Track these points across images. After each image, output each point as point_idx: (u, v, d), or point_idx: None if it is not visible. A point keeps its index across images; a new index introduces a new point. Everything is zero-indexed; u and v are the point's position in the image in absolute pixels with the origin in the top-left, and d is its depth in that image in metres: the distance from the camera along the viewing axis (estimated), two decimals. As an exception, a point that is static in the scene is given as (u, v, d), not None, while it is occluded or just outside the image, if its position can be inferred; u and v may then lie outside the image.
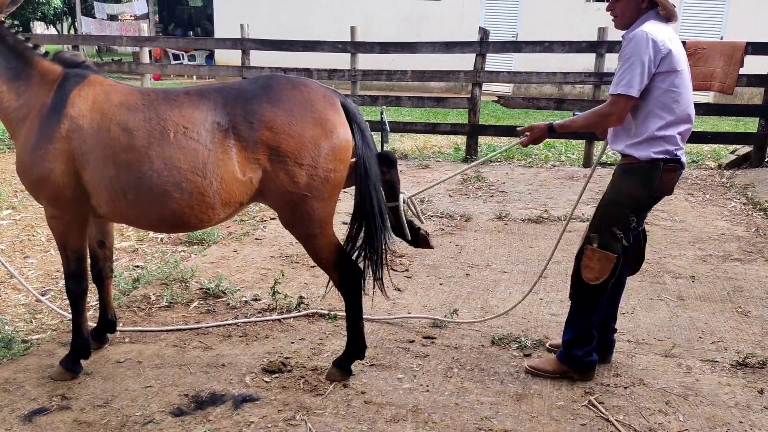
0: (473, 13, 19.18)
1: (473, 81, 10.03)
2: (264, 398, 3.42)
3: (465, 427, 3.20)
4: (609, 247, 3.47)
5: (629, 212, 3.44)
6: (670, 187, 3.44)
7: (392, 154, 3.79)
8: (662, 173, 3.38)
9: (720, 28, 17.11)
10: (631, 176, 3.46)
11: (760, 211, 7.20)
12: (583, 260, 3.54)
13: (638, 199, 3.44)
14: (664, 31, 3.32)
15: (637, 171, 3.43)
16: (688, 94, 3.41)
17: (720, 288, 5.05)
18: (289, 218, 3.39)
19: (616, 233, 3.46)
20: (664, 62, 3.28)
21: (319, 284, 4.94)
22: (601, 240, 3.48)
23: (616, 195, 3.50)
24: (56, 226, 3.48)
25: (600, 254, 3.48)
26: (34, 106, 3.33)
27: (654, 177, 3.39)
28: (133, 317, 4.41)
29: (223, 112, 3.22)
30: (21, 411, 3.29)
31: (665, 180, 3.40)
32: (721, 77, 8.84)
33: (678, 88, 3.33)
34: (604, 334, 3.81)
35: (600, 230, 3.50)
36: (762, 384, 3.65)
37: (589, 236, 3.53)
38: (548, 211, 7.10)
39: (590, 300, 3.57)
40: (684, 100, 3.36)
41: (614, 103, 3.35)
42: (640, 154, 3.40)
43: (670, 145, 3.36)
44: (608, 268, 3.47)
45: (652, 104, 3.35)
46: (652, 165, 3.37)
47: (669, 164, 3.37)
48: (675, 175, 3.41)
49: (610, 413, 3.33)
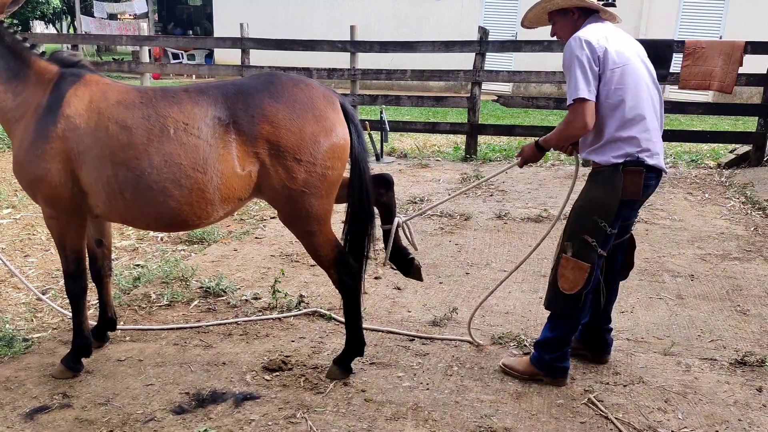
0: (473, 13, 19.20)
1: (473, 80, 10.04)
2: (265, 396, 3.43)
3: (465, 425, 3.21)
4: (583, 256, 3.38)
5: (597, 218, 3.35)
6: (635, 190, 3.34)
7: (389, 176, 3.79)
8: (625, 176, 3.31)
9: (719, 27, 17.12)
10: (596, 181, 3.41)
11: (759, 210, 7.21)
12: (558, 269, 3.47)
13: (605, 205, 3.35)
14: (598, 31, 3.34)
15: (600, 176, 3.39)
16: (639, 90, 3.32)
17: (719, 287, 5.06)
18: (287, 215, 3.40)
19: (588, 241, 3.37)
20: (602, 61, 3.27)
21: (320, 283, 4.95)
22: (574, 248, 3.41)
23: (583, 201, 3.45)
24: (54, 226, 3.48)
25: (573, 263, 3.40)
26: (31, 105, 3.33)
27: (616, 181, 3.32)
28: (133, 316, 4.42)
29: (224, 106, 3.23)
30: (22, 409, 3.30)
31: (629, 184, 3.32)
32: (720, 76, 8.86)
33: (624, 84, 3.28)
34: (598, 334, 3.80)
35: (572, 238, 3.44)
36: (760, 382, 3.66)
37: (564, 245, 3.47)
38: (548, 210, 7.11)
39: (566, 310, 3.49)
40: (632, 96, 3.29)
41: (573, 110, 3.31)
42: (600, 159, 3.37)
43: (630, 148, 3.30)
44: (582, 278, 3.39)
45: (603, 106, 3.32)
46: (614, 169, 3.32)
47: (630, 167, 3.31)
48: (640, 177, 3.32)
49: (609, 411, 3.34)
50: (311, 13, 20.57)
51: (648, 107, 3.35)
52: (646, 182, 3.37)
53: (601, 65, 3.28)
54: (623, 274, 3.81)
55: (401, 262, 3.85)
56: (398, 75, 10.50)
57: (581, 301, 3.44)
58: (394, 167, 9.43)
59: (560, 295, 3.46)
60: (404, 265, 3.86)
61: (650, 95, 3.38)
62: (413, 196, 7.68)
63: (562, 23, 3.51)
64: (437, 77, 10.81)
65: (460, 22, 18.97)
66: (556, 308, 3.53)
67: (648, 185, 3.41)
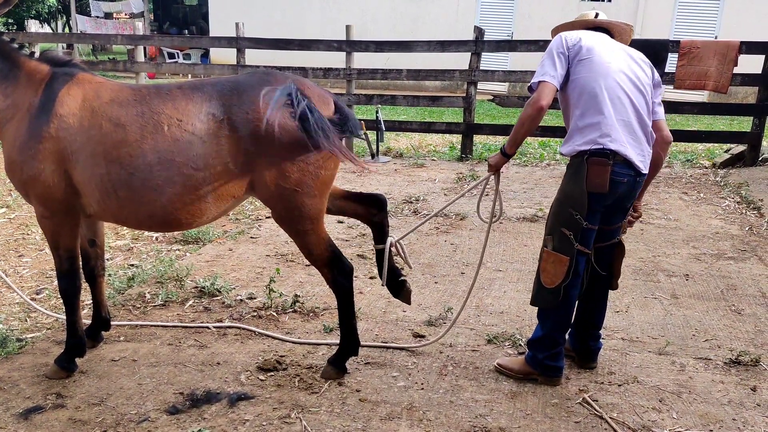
0: (468, 12, 19.21)
1: (468, 80, 10.05)
2: (259, 396, 3.42)
3: (460, 424, 3.21)
4: (562, 249, 3.41)
5: (572, 210, 3.37)
6: (600, 183, 3.32)
7: (383, 196, 3.79)
8: (589, 168, 3.31)
9: (714, 27, 17.17)
10: (567, 174, 3.47)
11: (754, 209, 7.23)
12: (540, 263, 3.51)
13: (575, 197, 3.36)
14: (583, 32, 3.50)
15: (570, 168, 3.44)
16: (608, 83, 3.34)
17: (714, 286, 5.07)
18: (280, 214, 3.39)
19: (566, 234, 3.39)
20: (573, 52, 3.39)
21: (314, 282, 4.95)
22: (554, 242, 3.44)
23: (560, 194, 3.50)
24: (47, 226, 3.46)
25: (554, 257, 3.42)
26: (22, 106, 3.31)
27: (582, 171, 3.34)
28: (128, 315, 4.41)
29: (218, 103, 3.21)
30: (16, 409, 3.28)
31: (593, 175, 3.31)
32: (715, 76, 8.88)
33: (591, 73, 3.36)
34: (585, 342, 3.78)
35: (552, 232, 3.47)
36: (754, 381, 3.67)
37: (545, 239, 3.50)
38: (543, 209, 7.11)
39: (548, 304, 3.51)
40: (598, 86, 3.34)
41: (533, 90, 3.43)
42: (567, 150, 3.43)
43: (592, 134, 3.32)
44: (562, 272, 3.41)
45: (571, 97, 3.42)
46: (580, 161, 3.35)
47: (594, 157, 3.31)
48: (604, 169, 3.29)
49: (604, 411, 3.34)
50: (307, 13, 20.55)
51: (618, 103, 3.34)
52: (614, 177, 3.32)
53: (571, 56, 3.40)
54: (612, 284, 3.77)
55: (392, 283, 3.82)
56: (394, 74, 10.49)
57: (560, 295, 3.45)
58: (390, 167, 9.43)
59: (543, 290, 3.50)
60: (395, 286, 3.84)
61: (627, 95, 3.37)
62: (409, 195, 7.68)
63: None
64: (433, 77, 10.81)
65: (456, 21, 18.99)
66: (539, 302, 3.56)
67: (617, 181, 3.35)
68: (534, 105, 3.37)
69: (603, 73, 3.36)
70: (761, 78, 9.23)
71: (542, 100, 3.35)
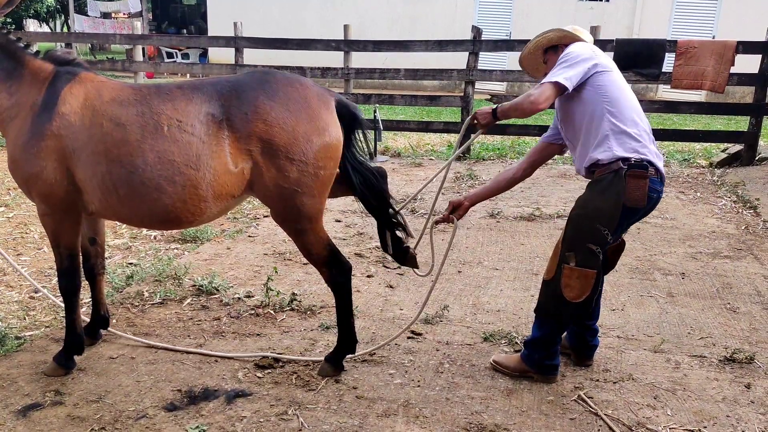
0: (466, 12, 19.22)
1: (466, 79, 10.07)
2: (256, 393, 3.44)
3: (455, 421, 3.23)
4: (588, 264, 3.37)
5: (600, 226, 3.32)
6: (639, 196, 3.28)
7: (383, 169, 3.80)
8: (628, 181, 3.26)
9: (712, 27, 17.20)
10: (596, 190, 3.37)
11: (750, 209, 7.26)
12: (562, 280, 3.42)
13: (607, 214, 3.32)
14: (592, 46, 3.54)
15: (601, 183, 3.35)
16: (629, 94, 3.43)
17: (709, 285, 5.10)
18: (279, 213, 3.42)
19: (593, 249, 3.36)
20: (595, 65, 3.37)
21: (312, 281, 4.97)
22: (578, 258, 3.38)
23: (583, 210, 3.39)
24: (48, 224, 3.49)
25: (578, 272, 3.37)
26: (26, 104, 3.34)
27: (618, 187, 3.28)
28: (126, 314, 4.42)
29: (218, 103, 3.24)
30: (15, 406, 3.30)
31: (632, 189, 3.27)
32: (712, 76, 8.92)
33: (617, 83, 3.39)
34: (583, 338, 3.79)
35: (574, 248, 3.40)
36: (749, 379, 3.69)
37: (565, 255, 3.42)
38: (540, 209, 7.14)
39: (570, 316, 3.52)
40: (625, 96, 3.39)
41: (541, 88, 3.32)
42: (605, 156, 3.32)
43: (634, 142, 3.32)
44: (589, 285, 3.39)
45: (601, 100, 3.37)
46: (615, 175, 3.29)
47: (633, 170, 3.27)
48: (644, 182, 3.27)
49: (599, 408, 3.36)
50: (305, 12, 20.56)
51: (643, 116, 3.42)
52: (651, 189, 3.30)
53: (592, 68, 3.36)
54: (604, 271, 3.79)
55: (397, 251, 3.87)
56: (392, 74, 10.51)
57: (591, 305, 3.50)
58: (388, 166, 9.44)
59: (566, 304, 3.44)
60: (400, 254, 3.88)
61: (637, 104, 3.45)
62: (407, 195, 7.68)
63: (552, 60, 3.58)
64: (431, 76, 10.83)
65: (454, 21, 19.01)
66: (550, 313, 3.52)
67: (651, 196, 3.33)
68: (534, 104, 3.32)
69: (624, 87, 3.42)
70: (758, 78, 9.27)
71: (542, 104, 3.30)
